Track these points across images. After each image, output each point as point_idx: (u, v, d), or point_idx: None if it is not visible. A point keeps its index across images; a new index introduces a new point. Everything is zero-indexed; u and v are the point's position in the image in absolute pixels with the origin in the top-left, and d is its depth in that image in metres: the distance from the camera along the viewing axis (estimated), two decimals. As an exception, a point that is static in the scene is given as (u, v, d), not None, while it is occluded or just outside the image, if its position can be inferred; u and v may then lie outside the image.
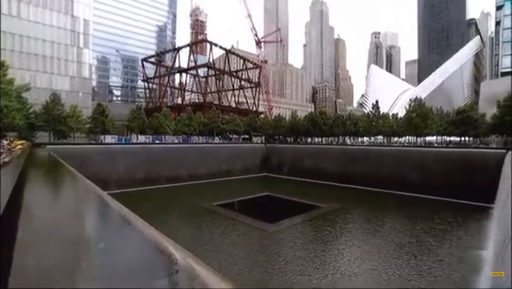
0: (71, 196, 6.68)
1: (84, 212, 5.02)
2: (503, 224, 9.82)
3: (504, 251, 5.55)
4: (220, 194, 32.68)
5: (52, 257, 2.37)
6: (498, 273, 1.47)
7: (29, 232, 3.26)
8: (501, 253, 6.24)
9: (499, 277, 1.74)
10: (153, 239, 2.63)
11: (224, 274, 1.91)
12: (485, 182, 24.37)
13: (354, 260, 15.65)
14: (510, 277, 1.38)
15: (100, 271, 2.08)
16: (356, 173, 39.03)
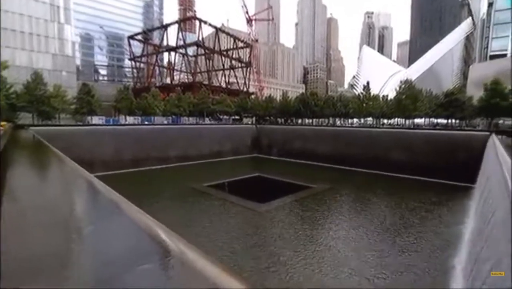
0: (57, 180, 6.53)
1: (71, 196, 4.92)
2: (484, 203, 10.23)
3: (487, 227, 5.79)
4: (211, 175, 32.80)
5: (36, 244, 2.32)
6: (498, 273, 1.52)
7: (13, 217, 3.18)
8: (483, 230, 6.52)
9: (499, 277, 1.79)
10: (142, 223, 2.60)
11: (215, 258, 1.91)
12: (468, 163, 25.16)
13: (342, 237, 16.25)
14: (510, 277, 1.42)
15: (88, 257, 2.05)
16: (346, 154, 39.66)
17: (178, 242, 2.04)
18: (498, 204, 5.46)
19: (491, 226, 5.67)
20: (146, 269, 1.66)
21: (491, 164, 13.75)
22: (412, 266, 12.87)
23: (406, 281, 11.74)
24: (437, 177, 29.80)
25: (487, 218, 6.66)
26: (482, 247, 6.10)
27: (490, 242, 5.48)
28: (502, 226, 4.83)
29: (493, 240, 5.26)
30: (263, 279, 11.60)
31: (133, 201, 3.52)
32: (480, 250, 6.29)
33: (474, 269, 6.81)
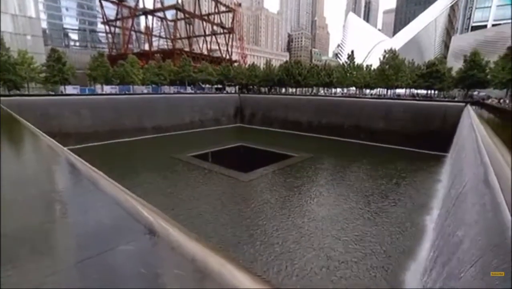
0: (29, 156, 6.14)
1: (46, 173, 4.64)
2: (456, 170, 10.80)
3: (459, 192, 6.09)
4: (194, 145, 32.47)
5: (11, 224, 2.16)
6: (498, 273, 1.58)
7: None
8: (454, 194, 6.87)
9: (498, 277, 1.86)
10: (123, 199, 2.45)
11: (199, 232, 1.87)
12: (444, 133, 26.26)
13: (322, 205, 16.90)
14: (510, 277, 1.46)
15: (66, 238, 1.93)
16: (328, 123, 40.27)
17: (161, 219, 1.96)
18: (473, 171, 5.72)
19: (463, 191, 5.95)
20: (126, 249, 1.58)
21: (465, 134, 14.35)
22: (386, 229, 13.73)
23: (382, 241, 12.55)
24: (414, 146, 31.05)
25: (460, 184, 7.00)
26: (451, 208, 6.44)
27: (459, 204, 5.79)
28: (474, 191, 5.08)
29: (462, 203, 5.55)
30: (249, 248, 12.01)
31: (114, 174, 3.35)
32: (450, 211, 6.64)
33: (444, 226, 7.31)
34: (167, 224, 1.98)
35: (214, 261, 1.59)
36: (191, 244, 1.74)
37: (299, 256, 11.23)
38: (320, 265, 10.67)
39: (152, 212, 2.16)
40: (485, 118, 17.03)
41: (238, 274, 1.53)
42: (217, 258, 1.65)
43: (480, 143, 7.63)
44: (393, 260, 11.15)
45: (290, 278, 9.84)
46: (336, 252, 11.65)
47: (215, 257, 1.66)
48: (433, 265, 6.41)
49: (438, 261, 5.86)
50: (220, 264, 1.61)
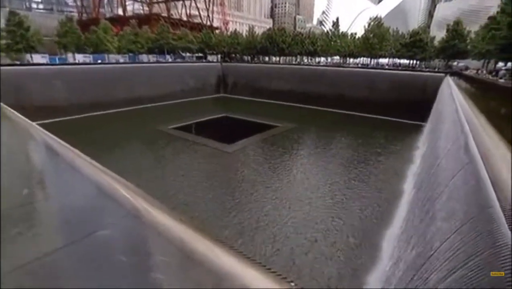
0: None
1: (16, 153, 4.25)
2: (436, 139, 11.13)
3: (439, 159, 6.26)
4: (176, 117, 31.61)
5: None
6: (498, 273, 1.58)
7: None
8: (434, 162, 7.07)
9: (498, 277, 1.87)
10: (100, 179, 2.24)
11: (182, 209, 1.75)
12: (423, 103, 26.85)
13: (305, 173, 17.28)
14: (510, 277, 1.44)
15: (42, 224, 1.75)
16: (311, 93, 40.09)
17: (143, 200, 1.81)
18: (453, 140, 5.83)
19: (443, 158, 6.09)
20: (105, 234, 1.44)
21: (445, 104, 14.67)
22: (365, 195, 14.33)
23: (362, 204, 13.13)
24: (396, 116, 31.75)
25: (439, 152, 7.19)
26: (432, 174, 6.64)
27: (438, 171, 5.97)
28: (454, 158, 5.20)
29: (442, 169, 5.72)
30: (236, 216, 12.21)
31: (91, 150, 3.11)
32: (429, 177, 6.85)
33: (421, 191, 7.64)
34: (151, 205, 1.84)
35: (202, 246, 1.49)
36: (176, 227, 1.63)
37: (283, 221, 11.57)
38: (301, 224, 11.08)
39: (133, 192, 1.99)
40: (464, 88, 17.42)
41: (226, 258, 1.44)
42: (204, 241, 1.55)
43: (461, 113, 7.79)
44: (368, 222, 11.72)
45: (278, 242, 10.19)
46: (318, 215, 12.09)
47: (202, 241, 1.56)
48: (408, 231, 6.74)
49: (413, 228, 6.12)
50: (208, 249, 1.51)
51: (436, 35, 44.04)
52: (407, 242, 5.93)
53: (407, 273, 4.20)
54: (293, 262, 9.28)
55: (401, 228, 8.38)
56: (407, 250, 5.01)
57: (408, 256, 4.82)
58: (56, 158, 3.48)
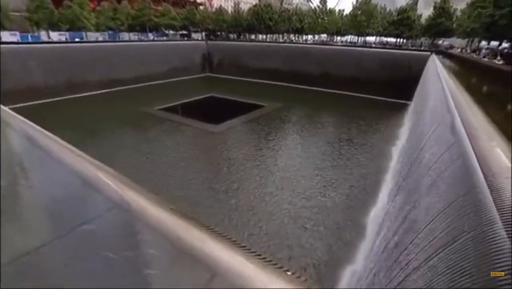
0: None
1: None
2: (421, 118, 11.32)
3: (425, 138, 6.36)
4: (160, 98, 30.69)
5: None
6: (498, 273, 1.59)
7: None
8: (420, 142, 7.18)
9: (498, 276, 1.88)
10: (82, 168, 2.07)
11: (171, 202, 1.66)
12: (409, 82, 27.14)
13: (291, 154, 17.40)
14: (510, 277, 1.43)
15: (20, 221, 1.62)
16: (298, 72, 39.70)
17: (129, 189, 1.69)
18: (439, 119, 5.90)
19: (429, 138, 6.17)
20: (89, 229, 1.33)
21: (431, 83, 14.83)
22: (351, 172, 14.67)
23: (348, 181, 13.47)
24: (382, 95, 32.07)
25: (425, 132, 7.30)
26: (417, 153, 6.76)
27: (425, 150, 6.07)
28: (440, 137, 5.27)
29: (428, 149, 5.81)
30: (222, 199, 12.27)
31: (71, 136, 2.92)
32: (416, 157, 6.98)
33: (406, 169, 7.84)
34: (138, 195, 1.73)
35: (194, 237, 1.42)
36: (167, 218, 1.54)
37: (271, 201, 11.73)
38: (288, 201, 11.30)
39: (119, 180, 1.86)
40: (450, 67, 17.61)
41: (221, 250, 1.37)
42: (197, 232, 1.47)
43: (447, 92, 7.87)
44: (354, 199, 12.07)
45: (266, 220, 10.37)
46: (305, 193, 12.32)
47: (194, 232, 1.48)
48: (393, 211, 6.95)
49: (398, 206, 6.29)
50: (201, 240, 1.44)
51: (423, 13, 43.84)
52: (393, 219, 6.11)
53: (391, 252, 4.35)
54: (286, 236, 9.51)
55: (386, 205, 8.64)
56: (391, 229, 5.17)
57: (393, 235, 4.99)
58: (32, 145, 3.24)
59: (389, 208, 7.79)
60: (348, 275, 7.66)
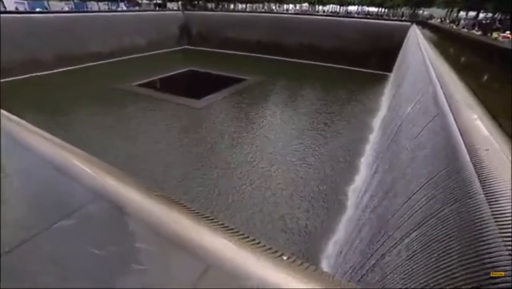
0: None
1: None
2: (401, 89, 11.49)
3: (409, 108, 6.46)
4: (137, 73, 29.17)
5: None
6: (498, 274, 1.59)
7: None
8: (401, 114, 7.30)
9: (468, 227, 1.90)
10: (54, 154, 1.85)
11: (156, 188, 1.55)
12: (390, 53, 27.25)
13: (275, 125, 17.52)
14: (510, 277, 1.43)
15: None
16: (280, 43, 38.77)
17: (110, 176, 1.55)
18: (421, 90, 5.95)
19: (411, 110, 6.26)
20: (70, 224, 1.21)
21: (411, 53, 14.90)
22: (333, 143, 14.97)
23: (331, 152, 13.78)
24: (364, 66, 32.18)
25: (407, 103, 7.39)
26: (401, 125, 6.89)
27: (408, 122, 6.18)
28: (423, 109, 5.35)
29: (411, 121, 5.91)
30: (208, 173, 12.23)
31: (41, 118, 2.63)
32: (398, 128, 7.12)
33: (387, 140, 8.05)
34: (120, 182, 1.60)
35: (184, 224, 1.34)
36: (152, 206, 1.44)
37: (259, 173, 11.86)
38: (275, 174, 11.50)
39: (98, 167, 1.71)
40: (430, 38, 17.68)
41: (213, 237, 1.31)
42: (186, 219, 1.39)
43: (428, 63, 7.93)
44: (337, 169, 12.42)
45: (257, 192, 10.52)
46: (289, 165, 12.53)
47: (183, 219, 1.40)
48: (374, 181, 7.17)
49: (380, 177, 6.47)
50: (191, 227, 1.36)
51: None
52: (375, 191, 6.32)
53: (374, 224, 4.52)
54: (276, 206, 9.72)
55: (369, 175, 8.91)
56: (373, 201, 5.36)
57: (374, 207, 5.18)
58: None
59: (370, 177, 8.04)
60: (331, 246, 8.04)
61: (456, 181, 2.62)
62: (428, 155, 3.71)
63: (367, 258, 3.60)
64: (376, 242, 3.53)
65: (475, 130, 3.19)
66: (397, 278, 2.57)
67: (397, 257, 2.77)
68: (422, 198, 2.98)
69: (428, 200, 2.86)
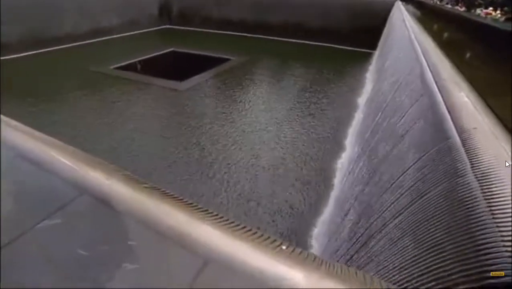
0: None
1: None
2: (386, 66, 11.52)
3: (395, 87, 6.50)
4: (116, 55, 27.76)
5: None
6: (498, 274, 1.59)
7: None
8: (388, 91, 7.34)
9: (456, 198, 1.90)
10: (30, 147, 1.69)
11: (145, 179, 1.47)
12: (375, 31, 27.15)
13: (263, 105, 17.42)
14: (510, 276, 1.42)
15: None
16: (264, 22, 37.82)
17: (93, 169, 1.44)
18: (408, 69, 5.96)
19: (397, 89, 6.29)
20: (55, 224, 1.12)
21: (396, 30, 14.85)
22: (318, 123, 15.10)
23: (316, 131, 13.94)
24: (349, 45, 32.00)
25: (393, 81, 7.42)
26: (386, 105, 6.94)
27: (394, 102, 6.22)
28: (409, 88, 5.37)
29: (397, 100, 5.95)
30: (195, 155, 12.12)
31: (13, 108, 2.39)
32: (384, 108, 7.17)
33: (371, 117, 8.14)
34: (105, 174, 1.50)
35: (176, 217, 1.27)
36: (142, 199, 1.36)
37: (249, 154, 11.87)
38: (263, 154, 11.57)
39: (79, 160, 1.59)
40: (414, 14, 17.63)
41: (210, 233, 1.26)
42: (179, 212, 1.33)
43: (414, 41, 7.91)
44: (322, 148, 12.60)
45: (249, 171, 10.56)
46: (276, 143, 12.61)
47: (176, 211, 1.33)
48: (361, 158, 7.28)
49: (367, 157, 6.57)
50: (185, 220, 1.30)
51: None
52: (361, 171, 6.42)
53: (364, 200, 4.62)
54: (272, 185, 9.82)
55: (355, 152, 9.05)
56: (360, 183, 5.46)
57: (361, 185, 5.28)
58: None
59: (356, 155, 8.17)
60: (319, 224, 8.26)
61: (445, 160, 2.67)
62: (415, 134, 3.75)
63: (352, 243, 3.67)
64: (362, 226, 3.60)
65: (463, 108, 3.22)
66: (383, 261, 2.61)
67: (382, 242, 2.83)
68: (412, 178, 3.03)
69: (417, 180, 2.91)
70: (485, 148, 2.47)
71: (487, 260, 1.64)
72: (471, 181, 2.22)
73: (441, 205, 2.34)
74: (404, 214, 2.75)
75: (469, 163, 2.39)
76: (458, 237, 1.96)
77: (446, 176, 2.52)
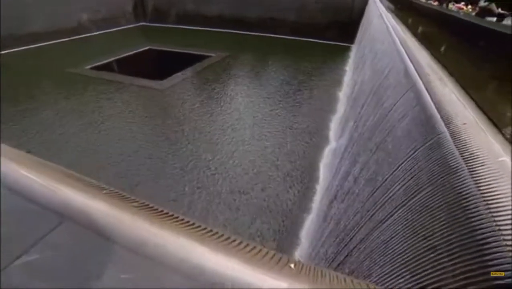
0: None
1: None
2: (365, 59, 11.68)
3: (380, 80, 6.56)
4: (90, 54, 26.57)
5: None
6: (498, 274, 1.56)
7: None
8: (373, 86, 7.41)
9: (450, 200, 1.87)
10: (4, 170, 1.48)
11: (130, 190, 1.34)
12: (350, 24, 27.57)
13: (245, 101, 17.30)
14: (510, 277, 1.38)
15: None
16: (243, 17, 37.44)
17: (71, 188, 1.28)
18: (390, 63, 6.01)
19: (382, 82, 6.34)
20: (32, 261, 0.96)
21: (374, 24, 15.09)
22: (300, 117, 15.16)
23: (297, 125, 13.96)
24: (325, 38, 32.31)
25: (374, 75, 7.49)
26: (370, 99, 6.99)
27: (378, 97, 6.27)
28: (394, 81, 5.42)
29: (381, 96, 6.00)
30: (179, 155, 11.84)
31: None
32: (367, 102, 7.23)
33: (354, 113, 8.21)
34: (89, 195, 1.35)
35: (158, 232, 1.16)
36: (127, 219, 1.22)
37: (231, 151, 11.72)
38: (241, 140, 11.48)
39: (58, 178, 1.42)
40: (388, 7, 17.99)
41: (202, 254, 1.15)
42: (161, 225, 1.21)
43: (393, 34, 8.02)
44: (305, 143, 12.68)
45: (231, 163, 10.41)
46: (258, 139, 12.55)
47: (158, 225, 1.21)
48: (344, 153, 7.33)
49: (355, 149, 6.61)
50: (169, 235, 1.19)
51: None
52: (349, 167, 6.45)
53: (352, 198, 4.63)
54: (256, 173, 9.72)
55: (343, 148, 9.12)
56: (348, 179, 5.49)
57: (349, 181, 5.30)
58: None
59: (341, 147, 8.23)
60: (308, 220, 8.28)
61: (436, 157, 2.68)
62: (404, 129, 3.77)
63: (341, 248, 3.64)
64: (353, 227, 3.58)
65: (450, 103, 3.25)
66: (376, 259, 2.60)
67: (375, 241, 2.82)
68: (403, 177, 3.03)
69: (409, 178, 2.91)
70: (475, 142, 2.48)
71: (488, 261, 1.64)
72: (465, 177, 2.23)
73: (435, 204, 2.34)
74: (394, 216, 2.74)
75: (462, 160, 2.39)
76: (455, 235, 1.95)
77: (439, 173, 2.53)
